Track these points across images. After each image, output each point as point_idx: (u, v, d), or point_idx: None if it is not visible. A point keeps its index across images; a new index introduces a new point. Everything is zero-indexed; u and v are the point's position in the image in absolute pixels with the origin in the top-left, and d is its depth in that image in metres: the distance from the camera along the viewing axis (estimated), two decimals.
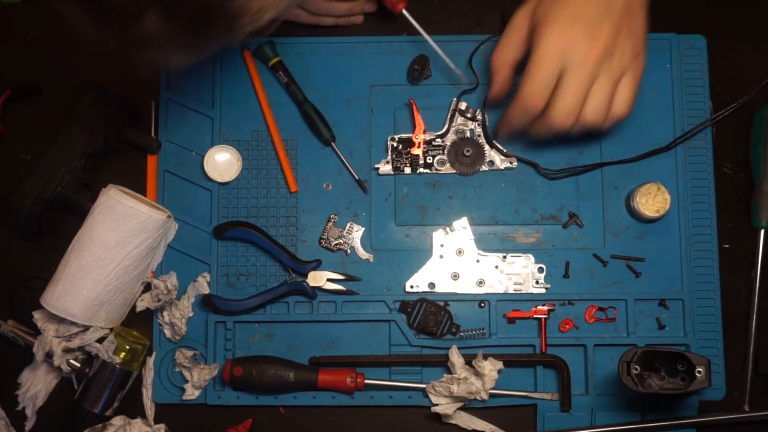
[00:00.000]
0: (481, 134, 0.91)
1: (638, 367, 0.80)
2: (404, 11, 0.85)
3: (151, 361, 0.89)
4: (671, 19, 0.92)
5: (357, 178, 0.91)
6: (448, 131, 0.91)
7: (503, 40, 0.83)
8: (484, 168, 0.91)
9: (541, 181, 0.91)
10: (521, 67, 0.81)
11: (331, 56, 0.93)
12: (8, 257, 0.92)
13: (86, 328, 0.87)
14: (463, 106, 0.91)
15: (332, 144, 0.91)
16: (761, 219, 0.89)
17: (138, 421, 0.87)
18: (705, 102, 0.91)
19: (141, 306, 0.89)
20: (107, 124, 0.88)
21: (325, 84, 0.92)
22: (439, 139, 0.91)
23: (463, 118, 0.92)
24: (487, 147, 0.91)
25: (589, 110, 0.79)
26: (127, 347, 0.87)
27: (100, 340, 0.87)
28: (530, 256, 0.90)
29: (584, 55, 0.76)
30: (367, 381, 0.87)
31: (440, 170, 0.91)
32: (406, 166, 0.91)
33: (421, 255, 0.90)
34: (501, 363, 0.85)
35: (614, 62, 0.78)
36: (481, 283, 0.90)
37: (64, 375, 0.89)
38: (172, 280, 0.87)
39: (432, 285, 0.90)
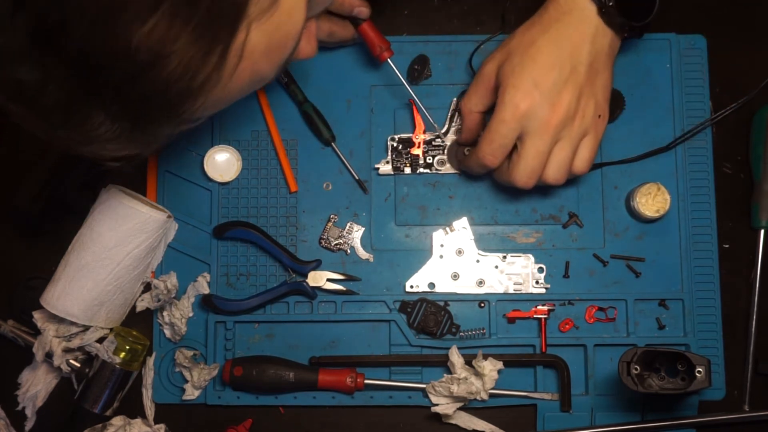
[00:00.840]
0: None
1: (638, 367, 0.80)
2: (389, 60, 0.85)
3: (151, 361, 0.89)
4: (671, 19, 0.92)
5: (357, 178, 0.91)
6: (448, 131, 0.91)
7: (471, 88, 0.84)
8: None
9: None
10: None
11: (331, 56, 0.93)
12: (8, 257, 0.92)
13: (86, 328, 0.87)
14: None
15: (332, 144, 0.91)
16: (761, 219, 0.89)
17: (138, 421, 0.87)
18: (705, 102, 0.91)
19: (141, 306, 0.89)
20: None
21: (325, 84, 0.92)
22: (439, 139, 0.91)
23: None
24: None
25: (551, 172, 0.80)
26: (127, 347, 0.87)
27: (100, 340, 0.87)
28: (530, 256, 0.90)
29: (544, 123, 0.77)
30: (367, 381, 0.87)
31: (440, 170, 0.91)
32: (406, 166, 0.91)
33: (421, 255, 0.90)
34: (501, 363, 0.85)
35: (575, 126, 0.78)
36: (481, 283, 0.90)
37: (64, 375, 0.89)
38: (172, 280, 0.87)
39: (432, 285, 0.90)
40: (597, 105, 0.80)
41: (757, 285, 0.89)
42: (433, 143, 0.91)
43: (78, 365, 0.87)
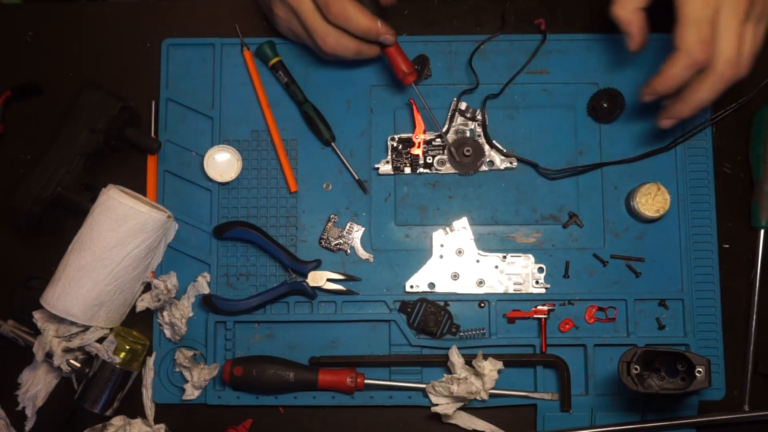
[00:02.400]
0: (481, 134, 0.91)
1: (638, 367, 0.80)
2: (412, 84, 0.86)
3: (151, 361, 0.89)
4: (671, 19, 0.92)
5: (357, 178, 0.91)
6: (448, 131, 0.91)
7: None
8: (484, 168, 0.91)
9: (541, 181, 0.91)
10: None
11: None
12: (8, 257, 0.92)
13: (86, 328, 0.87)
14: (463, 106, 0.91)
15: (332, 144, 0.91)
16: (761, 219, 0.89)
17: (138, 421, 0.87)
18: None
19: (141, 306, 0.89)
20: (107, 124, 0.88)
21: (325, 84, 0.92)
22: (439, 139, 0.91)
23: (463, 118, 0.92)
24: (487, 147, 0.91)
25: (745, 58, 0.76)
26: (127, 347, 0.87)
27: (100, 340, 0.87)
28: (530, 256, 0.90)
29: (734, 3, 0.74)
30: (367, 381, 0.87)
31: (440, 170, 0.91)
32: (406, 166, 0.91)
33: (421, 255, 0.90)
34: (501, 363, 0.85)
35: (756, 10, 0.75)
36: (481, 283, 0.90)
37: (64, 375, 0.89)
38: (172, 280, 0.87)
39: (432, 285, 0.90)
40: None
41: (757, 285, 0.89)
42: (433, 143, 0.91)
43: (78, 365, 0.87)
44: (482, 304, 0.90)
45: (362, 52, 0.85)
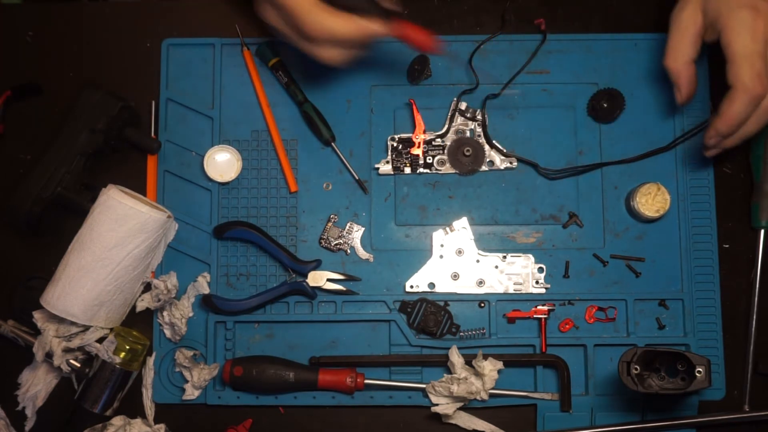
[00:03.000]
0: (481, 134, 0.91)
1: (638, 367, 0.80)
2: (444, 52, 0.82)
3: (151, 361, 0.89)
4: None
5: (357, 178, 0.91)
6: (448, 131, 0.91)
7: (676, 41, 0.82)
8: (484, 168, 0.91)
9: (541, 181, 0.91)
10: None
11: None
12: (8, 257, 0.92)
13: (86, 328, 0.87)
14: (463, 106, 0.91)
15: (332, 144, 0.91)
16: (761, 219, 0.89)
17: (138, 421, 0.87)
18: (705, 102, 0.91)
19: (141, 306, 0.89)
20: (107, 124, 0.88)
21: (325, 84, 0.92)
22: (439, 139, 0.91)
23: (463, 118, 0.92)
24: (487, 147, 0.91)
25: None
26: (127, 347, 0.87)
27: (100, 340, 0.87)
28: (530, 256, 0.90)
29: None
30: (367, 381, 0.87)
31: (440, 170, 0.91)
32: (406, 166, 0.91)
33: (421, 255, 0.90)
34: (501, 363, 0.85)
35: None
36: (481, 283, 0.90)
37: (64, 375, 0.89)
38: (172, 280, 0.87)
39: (432, 285, 0.90)
40: None
41: (757, 285, 0.89)
42: (433, 143, 0.91)
43: (78, 365, 0.87)
44: (482, 304, 0.90)
45: (367, 44, 0.81)
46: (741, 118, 0.78)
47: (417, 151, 0.91)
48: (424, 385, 0.87)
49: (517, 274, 0.90)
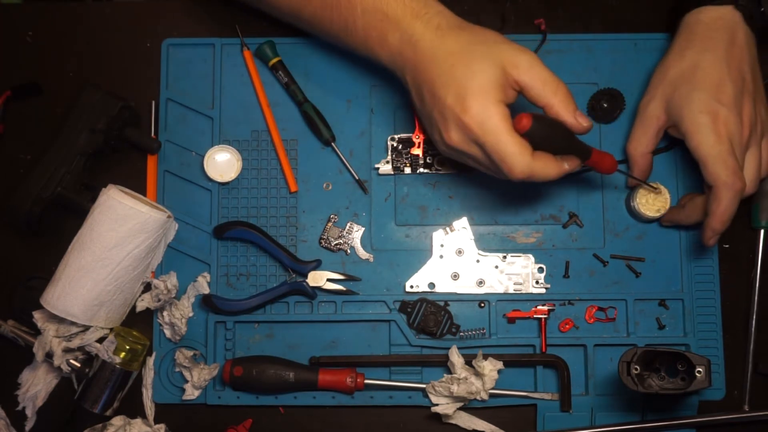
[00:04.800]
0: None
1: (638, 367, 0.80)
2: (618, 169, 0.84)
3: (151, 361, 0.89)
4: (671, 19, 0.92)
5: (357, 178, 0.91)
6: None
7: (638, 132, 0.85)
8: None
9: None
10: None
11: (331, 56, 0.93)
12: (8, 257, 0.92)
13: (86, 328, 0.87)
14: None
15: (332, 144, 0.91)
16: (761, 219, 0.89)
17: (138, 421, 0.87)
18: None
19: (141, 306, 0.89)
20: (107, 124, 0.88)
21: (325, 84, 0.92)
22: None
23: None
24: None
25: (750, 182, 0.82)
26: (127, 347, 0.87)
27: (100, 340, 0.87)
28: (530, 256, 0.90)
29: (740, 136, 0.79)
30: (367, 381, 0.87)
31: (440, 170, 0.91)
32: (406, 166, 0.91)
33: (421, 255, 0.90)
34: (501, 363, 0.85)
35: (758, 131, 0.81)
36: (481, 283, 0.90)
37: (64, 375, 0.89)
38: (172, 280, 0.87)
39: (432, 285, 0.90)
40: (766, 106, 0.82)
41: (757, 285, 0.89)
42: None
43: (78, 365, 0.87)
44: (482, 304, 0.90)
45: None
46: (731, 213, 0.80)
47: (417, 151, 0.91)
48: (424, 385, 0.87)
49: (517, 274, 0.90)
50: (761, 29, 0.83)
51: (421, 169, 0.91)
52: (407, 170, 0.91)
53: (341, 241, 0.90)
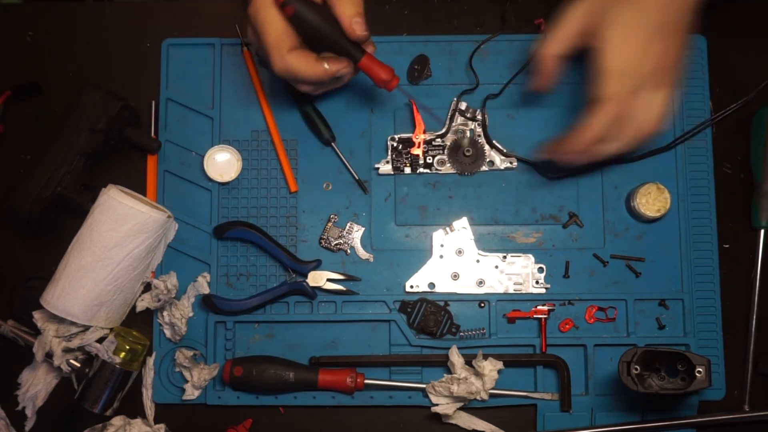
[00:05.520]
0: (481, 134, 0.91)
1: (638, 367, 0.80)
2: (398, 87, 0.82)
3: (151, 361, 0.89)
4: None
5: (357, 178, 0.91)
6: (448, 131, 0.91)
7: (558, 32, 0.81)
8: (484, 168, 0.91)
9: (541, 181, 0.91)
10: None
11: None
12: (8, 257, 0.92)
13: (86, 328, 0.87)
14: (463, 106, 0.91)
15: (332, 144, 0.91)
16: (761, 219, 0.89)
17: (138, 421, 0.87)
18: (705, 102, 0.91)
19: (141, 306, 0.89)
20: (107, 124, 0.88)
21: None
22: (439, 139, 0.91)
23: (463, 118, 0.92)
24: (487, 147, 0.91)
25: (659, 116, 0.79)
26: (127, 347, 0.87)
27: (100, 340, 0.87)
28: (530, 256, 0.90)
29: (637, 68, 0.76)
30: (367, 381, 0.87)
31: (440, 170, 0.91)
32: (406, 166, 0.91)
33: (421, 255, 0.90)
34: (501, 363, 0.85)
35: (658, 77, 0.78)
36: (481, 283, 0.90)
37: (64, 375, 0.89)
38: (172, 280, 0.87)
39: (432, 285, 0.90)
40: (677, 61, 0.79)
41: (757, 285, 0.89)
42: (433, 143, 0.91)
43: (78, 365, 0.87)
44: (482, 304, 0.90)
45: (333, 81, 0.82)
46: (600, 133, 0.77)
47: (417, 151, 0.91)
48: (424, 385, 0.87)
49: (517, 274, 0.90)
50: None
51: (421, 169, 0.91)
52: (407, 170, 0.91)
53: (341, 241, 0.90)
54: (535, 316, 0.88)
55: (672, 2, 0.77)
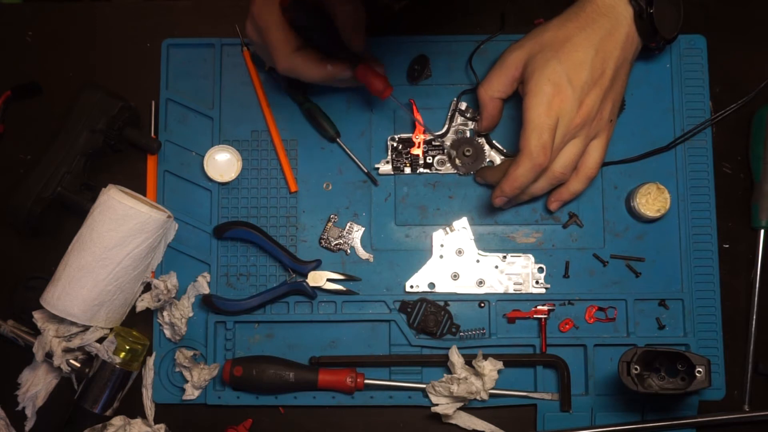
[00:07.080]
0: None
1: (638, 367, 0.80)
2: (392, 96, 0.82)
3: (151, 361, 0.89)
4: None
5: (366, 170, 0.90)
6: (448, 131, 0.91)
7: (494, 75, 0.85)
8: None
9: None
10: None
11: None
12: (8, 257, 0.92)
13: (86, 328, 0.87)
14: (463, 106, 0.91)
15: (338, 140, 0.91)
16: (761, 219, 0.89)
17: (138, 421, 0.87)
18: (705, 102, 0.91)
19: (141, 306, 0.89)
20: (107, 124, 0.88)
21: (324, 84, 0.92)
22: (439, 139, 0.91)
23: (463, 118, 0.92)
24: (487, 147, 0.91)
25: (558, 165, 0.82)
26: (127, 347, 0.87)
27: (100, 340, 0.87)
28: (530, 256, 0.90)
29: (570, 119, 0.79)
30: (367, 381, 0.87)
31: (440, 170, 0.91)
32: (406, 166, 0.91)
33: (421, 255, 0.90)
34: (501, 363, 0.85)
35: (592, 126, 0.81)
36: (481, 283, 0.90)
37: (64, 375, 0.89)
38: (172, 280, 0.87)
39: (432, 285, 0.90)
40: (613, 109, 0.82)
41: (757, 285, 0.89)
42: (433, 143, 0.91)
43: (78, 365, 0.87)
44: (482, 304, 0.90)
45: (339, 81, 0.83)
46: (524, 182, 0.81)
47: (417, 151, 0.91)
48: (424, 385, 0.87)
49: (517, 274, 0.90)
50: (648, 34, 0.82)
51: (421, 169, 0.91)
52: (407, 170, 0.91)
53: (341, 241, 0.90)
54: (535, 316, 0.88)
55: (605, 58, 0.80)
